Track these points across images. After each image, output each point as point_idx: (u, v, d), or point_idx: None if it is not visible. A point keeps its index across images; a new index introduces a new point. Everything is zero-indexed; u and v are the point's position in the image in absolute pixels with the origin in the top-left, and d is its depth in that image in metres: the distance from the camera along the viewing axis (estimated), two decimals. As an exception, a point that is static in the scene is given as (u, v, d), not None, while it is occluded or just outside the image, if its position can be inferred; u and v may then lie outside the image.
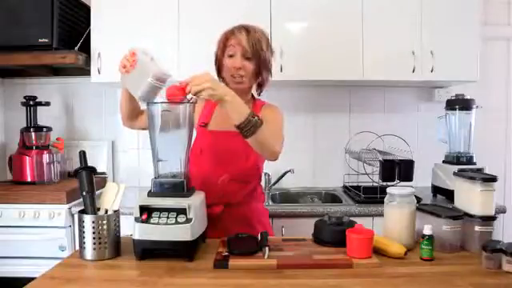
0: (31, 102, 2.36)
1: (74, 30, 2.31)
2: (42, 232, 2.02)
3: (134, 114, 1.49)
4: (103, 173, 2.54)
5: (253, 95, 1.58)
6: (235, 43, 1.42)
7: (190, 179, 1.24)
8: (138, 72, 1.22)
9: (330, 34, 2.24)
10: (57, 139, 2.46)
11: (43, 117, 2.43)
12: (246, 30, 1.43)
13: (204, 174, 1.44)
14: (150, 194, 1.21)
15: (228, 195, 1.45)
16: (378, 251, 1.18)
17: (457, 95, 2.24)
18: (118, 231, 1.22)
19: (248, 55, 1.41)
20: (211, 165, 1.46)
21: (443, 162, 2.28)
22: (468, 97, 2.22)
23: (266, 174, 2.41)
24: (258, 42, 1.41)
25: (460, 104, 2.22)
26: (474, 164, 2.18)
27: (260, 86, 1.54)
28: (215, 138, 1.47)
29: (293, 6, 2.24)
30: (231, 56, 1.43)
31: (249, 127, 1.21)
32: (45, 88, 2.59)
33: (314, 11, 2.25)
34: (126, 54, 1.25)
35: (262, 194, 1.62)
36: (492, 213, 1.24)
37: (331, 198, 2.42)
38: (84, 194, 1.21)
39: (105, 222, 1.17)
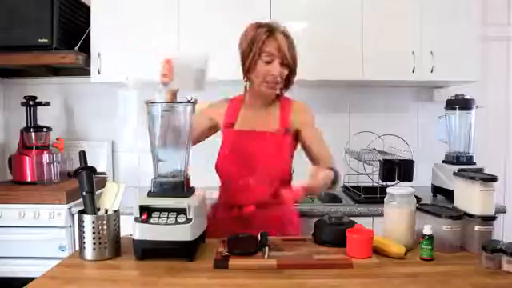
0: (31, 102, 2.36)
1: (74, 30, 2.31)
2: (42, 232, 2.02)
3: (200, 139, 1.52)
4: (103, 173, 2.54)
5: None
6: (274, 49, 1.36)
7: (189, 179, 1.24)
8: (179, 71, 1.24)
9: (330, 34, 2.23)
10: (57, 139, 2.46)
11: (43, 117, 2.43)
12: (284, 33, 1.38)
13: (233, 174, 1.44)
14: (150, 194, 1.21)
15: (258, 195, 1.44)
16: (377, 251, 1.18)
17: (457, 95, 2.24)
18: (118, 231, 1.22)
19: (286, 62, 1.37)
20: (239, 165, 1.45)
21: (443, 161, 2.28)
22: (468, 97, 2.22)
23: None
24: (294, 46, 1.38)
25: (460, 104, 2.22)
26: (474, 164, 2.18)
27: (285, 87, 1.52)
28: (242, 137, 1.46)
29: (293, 6, 2.24)
30: (268, 63, 1.37)
31: (332, 185, 1.31)
32: (45, 88, 2.59)
33: (313, 11, 2.25)
34: (160, 69, 1.22)
35: None
36: (492, 213, 1.24)
37: (331, 198, 2.42)
38: (84, 194, 1.21)
39: (105, 222, 1.18)
